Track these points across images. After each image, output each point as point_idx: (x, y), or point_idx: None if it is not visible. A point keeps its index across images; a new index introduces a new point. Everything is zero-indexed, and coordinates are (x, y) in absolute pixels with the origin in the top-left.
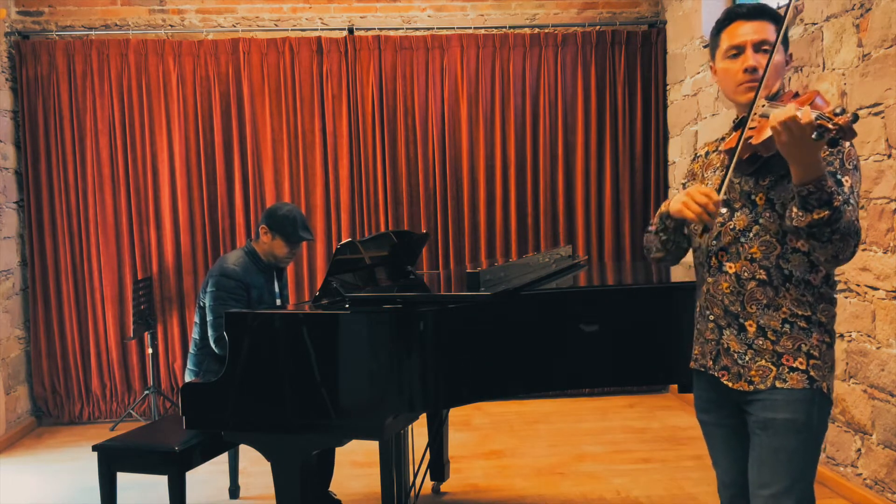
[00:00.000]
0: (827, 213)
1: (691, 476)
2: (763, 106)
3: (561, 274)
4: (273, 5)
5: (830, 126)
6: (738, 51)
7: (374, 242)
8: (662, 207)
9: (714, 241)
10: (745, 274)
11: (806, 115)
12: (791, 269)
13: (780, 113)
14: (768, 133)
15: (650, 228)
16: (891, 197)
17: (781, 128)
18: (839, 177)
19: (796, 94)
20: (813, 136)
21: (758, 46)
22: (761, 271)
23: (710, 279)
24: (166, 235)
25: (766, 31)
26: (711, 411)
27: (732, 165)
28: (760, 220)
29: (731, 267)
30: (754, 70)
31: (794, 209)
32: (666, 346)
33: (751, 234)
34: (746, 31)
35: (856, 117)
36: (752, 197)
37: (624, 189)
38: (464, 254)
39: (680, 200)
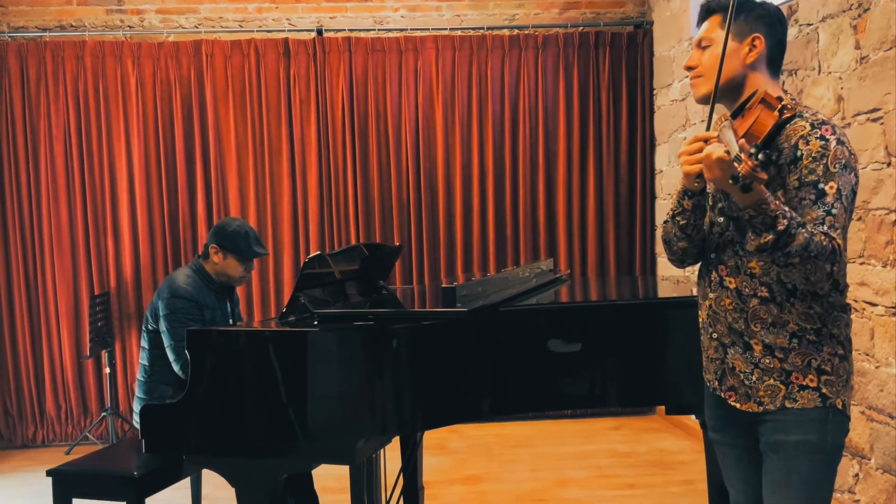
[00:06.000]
0: (771, 237)
1: (680, 502)
2: (723, 122)
3: (542, 289)
4: (237, 5)
5: (738, 172)
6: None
7: (345, 256)
8: (679, 185)
9: (713, 254)
10: (747, 290)
11: (717, 152)
12: (794, 282)
13: (706, 150)
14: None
15: (667, 218)
16: (890, 208)
17: (705, 166)
18: (821, 186)
19: (763, 101)
20: (730, 181)
21: (699, 44)
22: (762, 288)
23: (712, 295)
24: (125, 248)
25: (707, 27)
26: (721, 430)
27: (713, 106)
28: None
29: (731, 282)
30: (689, 68)
31: (749, 231)
32: (653, 365)
33: (748, 247)
34: (699, 30)
35: (766, 158)
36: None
37: (608, 199)
38: (439, 268)
39: (682, 168)
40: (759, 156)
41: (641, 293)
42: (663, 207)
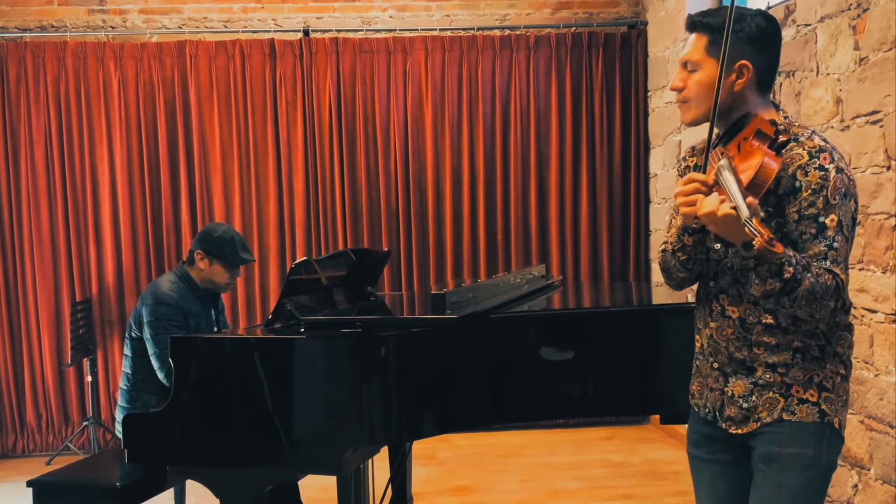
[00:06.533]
0: (778, 284)
1: None
2: (720, 158)
3: (533, 296)
4: (222, 5)
5: (752, 241)
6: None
7: (332, 261)
8: (678, 220)
9: (712, 283)
10: (751, 318)
11: (723, 209)
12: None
13: (709, 205)
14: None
15: (665, 248)
16: (889, 212)
17: (707, 220)
18: (822, 219)
19: (759, 133)
20: (740, 247)
21: (685, 64)
22: (767, 315)
23: (713, 324)
24: (107, 253)
25: (693, 46)
26: (703, 445)
27: (710, 143)
28: None
29: (734, 311)
30: (678, 90)
31: (753, 276)
32: (647, 373)
33: (751, 292)
34: (685, 47)
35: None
36: None
37: (601, 204)
38: (428, 274)
39: (680, 210)
40: (773, 223)
41: (635, 300)
42: (658, 212)
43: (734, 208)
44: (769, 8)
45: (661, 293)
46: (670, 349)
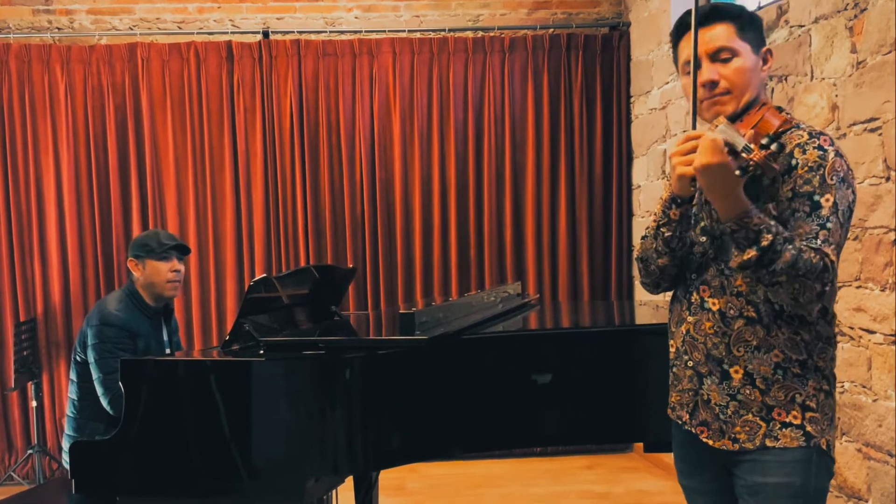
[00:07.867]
0: (754, 253)
1: None
2: (719, 124)
3: (508, 315)
4: (176, 5)
5: (748, 162)
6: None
7: (293, 279)
8: (665, 193)
9: (694, 275)
10: (732, 311)
11: (717, 136)
12: (781, 303)
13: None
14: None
15: (646, 234)
16: (889, 226)
17: (699, 155)
18: (816, 198)
19: (779, 108)
20: (737, 172)
21: (715, 56)
22: (749, 307)
23: (690, 318)
24: (53, 270)
25: (722, 35)
26: (691, 474)
27: (695, 104)
28: None
29: (714, 303)
30: (713, 84)
31: (732, 247)
32: (630, 398)
33: (731, 264)
34: (700, 42)
35: (779, 148)
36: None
37: (581, 217)
38: (396, 292)
39: (674, 170)
40: (773, 146)
41: (617, 319)
42: (641, 226)
43: (729, 144)
44: (760, 8)
45: (645, 312)
46: (654, 372)
